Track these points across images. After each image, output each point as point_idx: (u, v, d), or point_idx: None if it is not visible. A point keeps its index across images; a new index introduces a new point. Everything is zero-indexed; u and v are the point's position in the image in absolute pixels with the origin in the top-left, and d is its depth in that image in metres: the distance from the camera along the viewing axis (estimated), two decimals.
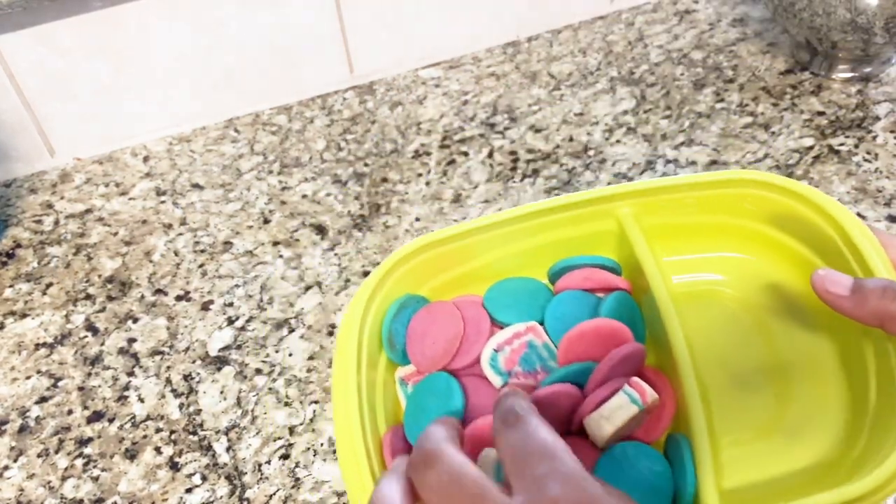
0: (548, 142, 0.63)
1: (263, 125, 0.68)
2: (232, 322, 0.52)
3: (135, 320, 0.53)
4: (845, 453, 0.33)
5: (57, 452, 0.46)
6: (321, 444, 0.44)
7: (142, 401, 0.48)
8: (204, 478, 0.44)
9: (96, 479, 0.44)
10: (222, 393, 0.48)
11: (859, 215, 0.53)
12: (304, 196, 0.61)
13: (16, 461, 0.46)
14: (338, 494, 0.42)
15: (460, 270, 0.40)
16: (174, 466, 0.44)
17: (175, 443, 0.46)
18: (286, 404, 0.47)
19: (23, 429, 0.47)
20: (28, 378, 0.50)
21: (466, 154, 0.63)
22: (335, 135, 0.66)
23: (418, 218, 0.57)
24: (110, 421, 0.47)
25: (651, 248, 0.38)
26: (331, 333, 0.50)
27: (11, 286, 0.56)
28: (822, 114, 0.62)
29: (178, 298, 0.54)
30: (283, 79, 0.69)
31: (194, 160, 0.65)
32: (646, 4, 0.77)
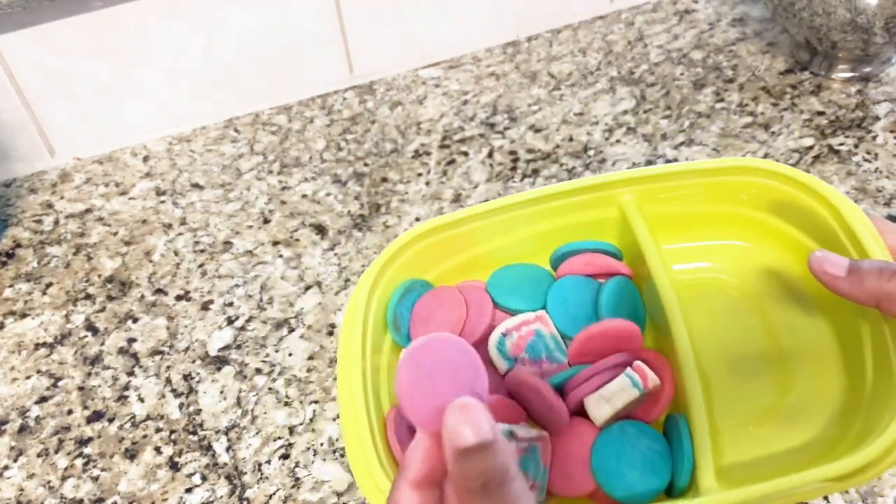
0: (548, 142, 0.63)
1: (263, 125, 0.68)
2: (232, 322, 0.52)
3: (135, 320, 0.53)
4: (844, 432, 0.33)
5: (57, 452, 0.46)
6: (321, 444, 0.44)
7: (142, 401, 0.48)
8: (204, 478, 0.44)
9: (96, 479, 0.44)
10: (222, 393, 0.48)
11: None
12: (303, 196, 0.61)
13: (16, 461, 0.46)
14: (338, 494, 0.42)
15: (464, 256, 0.41)
16: (174, 466, 0.44)
17: (175, 443, 0.46)
18: (286, 404, 0.47)
19: (23, 429, 0.47)
20: (28, 378, 0.50)
21: (466, 154, 0.63)
22: (335, 135, 0.66)
23: (418, 218, 0.57)
24: (110, 421, 0.47)
25: (652, 236, 0.38)
26: (331, 333, 0.50)
27: (11, 286, 0.56)
28: (821, 114, 0.62)
29: (178, 298, 0.54)
30: (283, 79, 0.69)
31: (194, 160, 0.65)
32: (646, 4, 0.77)
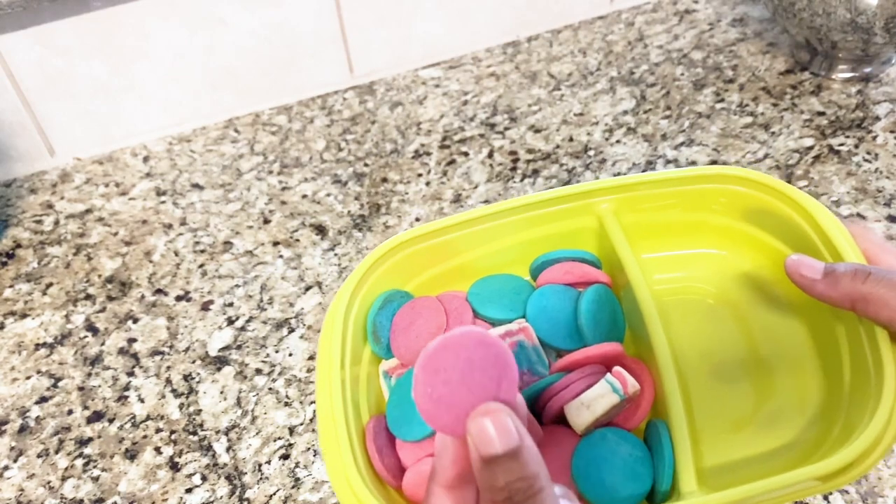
0: (548, 142, 0.63)
1: (263, 125, 0.68)
2: (232, 322, 0.52)
3: (135, 320, 0.53)
4: (825, 433, 0.33)
5: (57, 452, 0.46)
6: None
7: (142, 401, 0.48)
8: (204, 478, 0.44)
9: (96, 479, 0.44)
10: (222, 393, 0.48)
11: (859, 215, 0.53)
12: (304, 196, 0.61)
13: (16, 461, 0.46)
14: None
15: (443, 267, 0.41)
16: (174, 466, 0.44)
17: (175, 443, 0.46)
18: (286, 404, 0.47)
19: (23, 429, 0.47)
20: (28, 378, 0.50)
21: (466, 154, 0.63)
22: (335, 135, 0.66)
23: (418, 218, 0.57)
24: (110, 421, 0.47)
25: (630, 244, 0.39)
26: None
27: (11, 286, 0.56)
28: (822, 114, 0.62)
29: (178, 298, 0.54)
30: (283, 79, 0.69)
31: (194, 160, 0.65)
32: (646, 4, 0.77)
